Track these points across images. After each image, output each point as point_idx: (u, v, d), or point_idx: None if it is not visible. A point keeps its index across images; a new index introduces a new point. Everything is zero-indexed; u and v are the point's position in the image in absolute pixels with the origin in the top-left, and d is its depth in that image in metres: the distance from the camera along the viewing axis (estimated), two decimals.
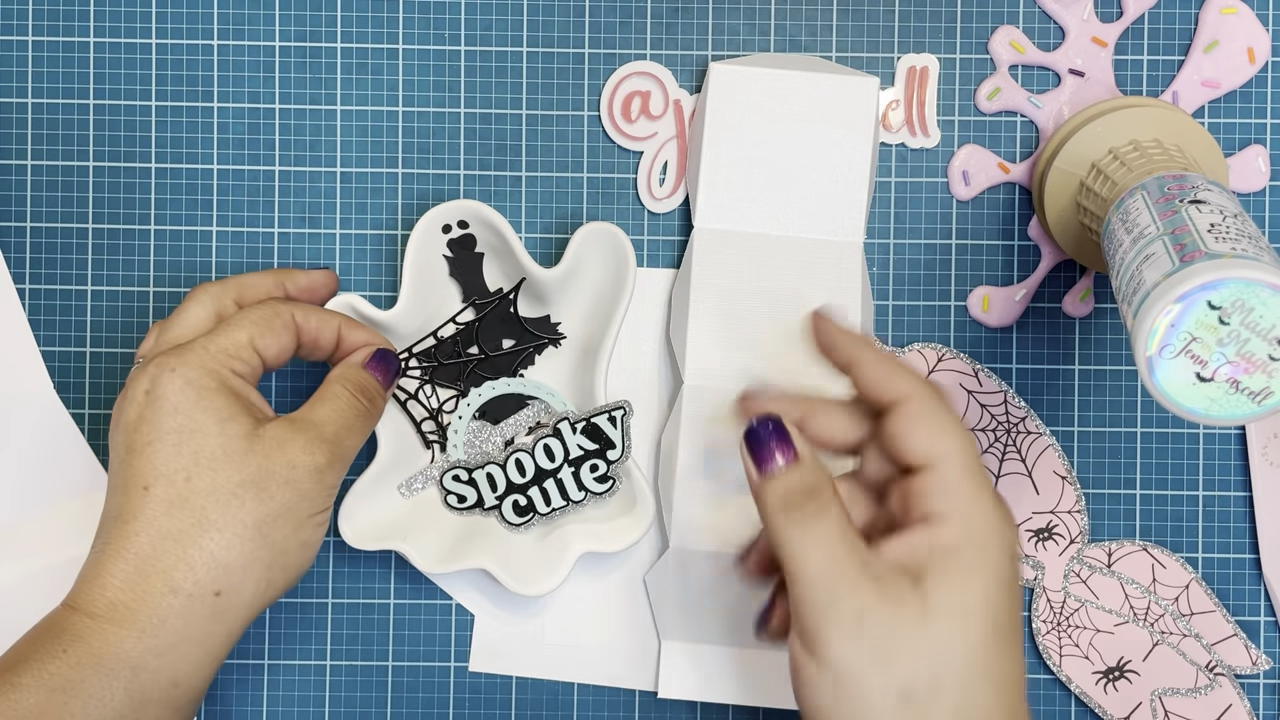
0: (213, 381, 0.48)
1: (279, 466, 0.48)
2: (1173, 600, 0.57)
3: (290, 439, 0.48)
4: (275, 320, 0.50)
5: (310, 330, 0.52)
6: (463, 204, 0.55)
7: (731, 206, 0.56)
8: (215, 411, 0.47)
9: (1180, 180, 0.48)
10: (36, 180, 0.57)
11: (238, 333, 0.49)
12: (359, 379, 0.52)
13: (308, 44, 0.57)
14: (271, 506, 0.47)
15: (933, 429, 0.43)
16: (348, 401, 0.51)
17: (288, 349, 0.51)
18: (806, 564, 0.42)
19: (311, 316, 0.52)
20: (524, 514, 0.56)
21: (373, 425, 0.52)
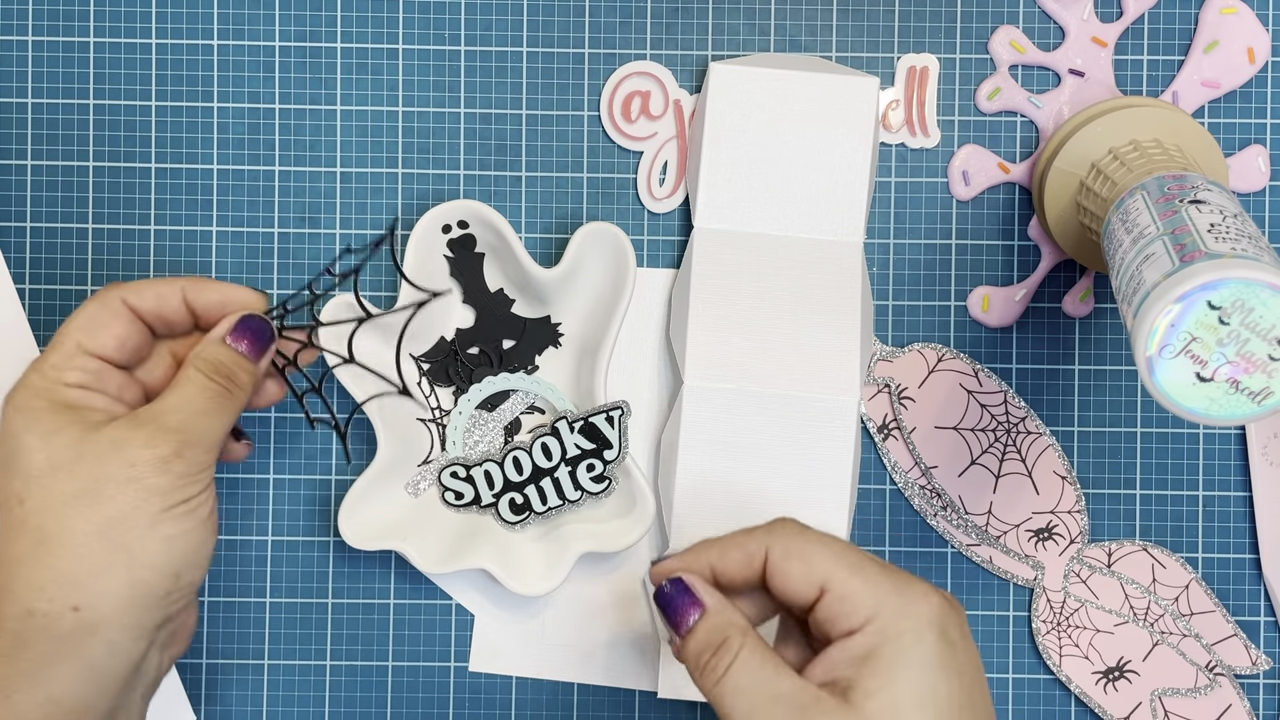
0: (40, 401, 0.46)
1: (115, 468, 0.45)
2: (1173, 600, 0.57)
3: (127, 437, 0.46)
4: (101, 313, 0.48)
5: (148, 309, 0.49)
6: (463, 204, 0.55)
7: (731, 206, 0.56)
8: (40, 429, 0.45)
9: (1180, 180, 0.48)
10: (36, 180, 0.57)
11: (64, 342, 0.47)
12: (214, 356, 0.48)
13: (308, 44, 0.57)
14: (113, 509, 0.45)
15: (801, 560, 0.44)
16: (199, 385, 0.47)
17: (129, 337, 0.48)
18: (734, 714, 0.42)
19: (145, 292, 0.49)
20: (520, 512, 0.56)
21: (239, 402, 0.49)
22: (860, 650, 0.42)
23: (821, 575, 0.43)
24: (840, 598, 0.43)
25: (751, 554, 0.45)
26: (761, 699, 0.42)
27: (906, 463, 0.57)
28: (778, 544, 0.44)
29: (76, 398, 0.47)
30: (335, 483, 0.57)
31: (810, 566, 0.43)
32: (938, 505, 0.57)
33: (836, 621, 0.43)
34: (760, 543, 0.45)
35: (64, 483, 0.45)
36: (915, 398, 0.57)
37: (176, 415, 0.47)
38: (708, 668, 0.43)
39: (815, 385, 0.54)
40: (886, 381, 0.57)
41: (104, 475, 0.45)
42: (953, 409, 0.57)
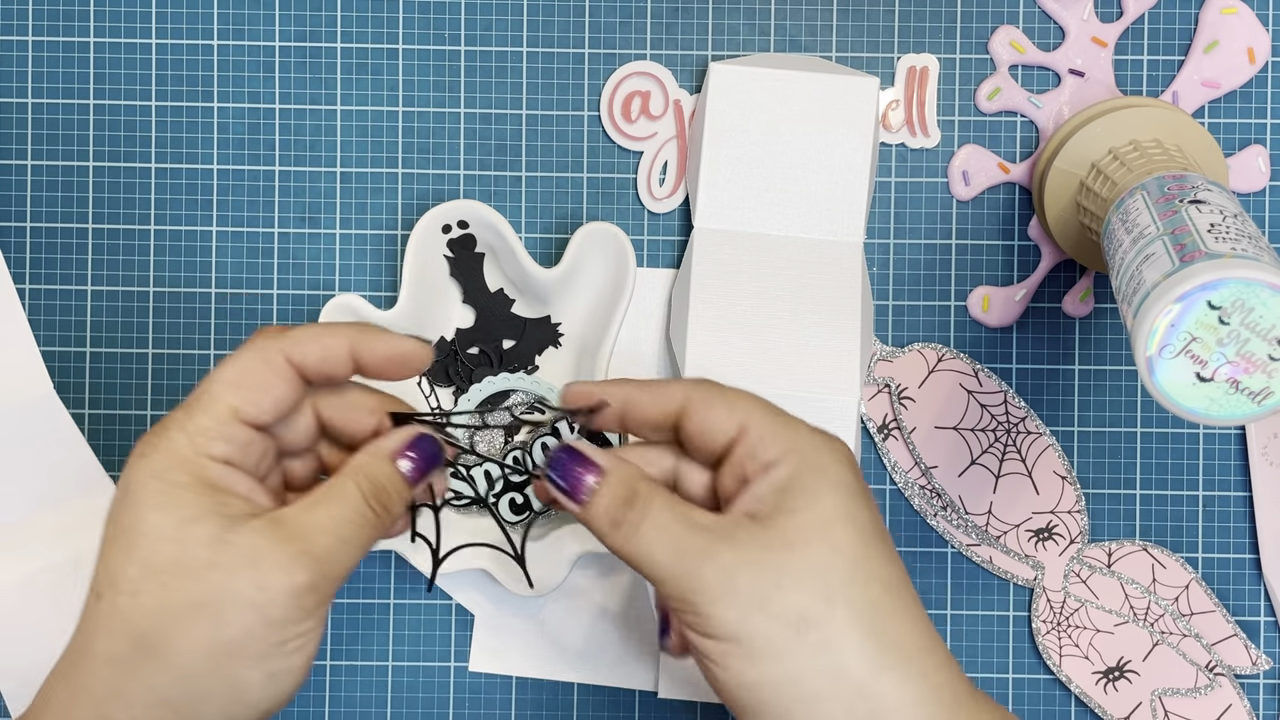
0: (184, 475, 0.40)
1: (244, 585, 0.39)
2: (1173, 600, 0.57)
3: (266, 552, 0.40)
4: (260, 371, 0.42)
5: (313, 365, 0.43)
6: (463, 204, 0.55)
7: (731, 206, 0.56)
8: (176, 511, 0.39)
9: (1180, 180, 0.48)
10: (36, 180, 0.57)
11: (216, 403, 0.41)
12: (377, 475, 0.43)
13: (308, 44, 0.57)
14: (228, 634, 0.39)
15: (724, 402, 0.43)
16: (355, 507, 0.42)
17: (287, 398, 0.42)
18: (656, 563, 0.41)
19: (310, 346, 0.43)
20: (520, 512, 0.56)
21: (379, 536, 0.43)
22: (781, 479, 0.42)
23: (742, 415, 0.43)
24: (761, 435, 0.42)
25: (669, 396, 0.44)
26: (683, 534, 0.41)
27: (906, 463, 0.57)
28: (698, 391, 0.44)
29: (220, 477, 0.41)
30: None
31: (732, 407, 0.43)
32: (938, 505, 0.57)
33: (756, 455, 0.42)
34: (680, 390, 0.44)
35: (189, 588, 0.39)
36: (915, 398, 0.57)
37: (325, 539, 0.41)
38: (624, 522, 0.42)
39: (815, 385, 0.54)
40: (886, 381, 0.57)
41: (231, 591, 0.39)
42: (953, 409, 0.57)
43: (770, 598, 0.40)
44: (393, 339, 0.44)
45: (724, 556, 0.40)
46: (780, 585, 0.40)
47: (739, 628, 0.40)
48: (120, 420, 0.57)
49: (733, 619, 0.40)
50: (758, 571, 0.40)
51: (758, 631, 0.40)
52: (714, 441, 0.43)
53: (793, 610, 0.40)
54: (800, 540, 0.41)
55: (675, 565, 0.41)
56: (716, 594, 0.40)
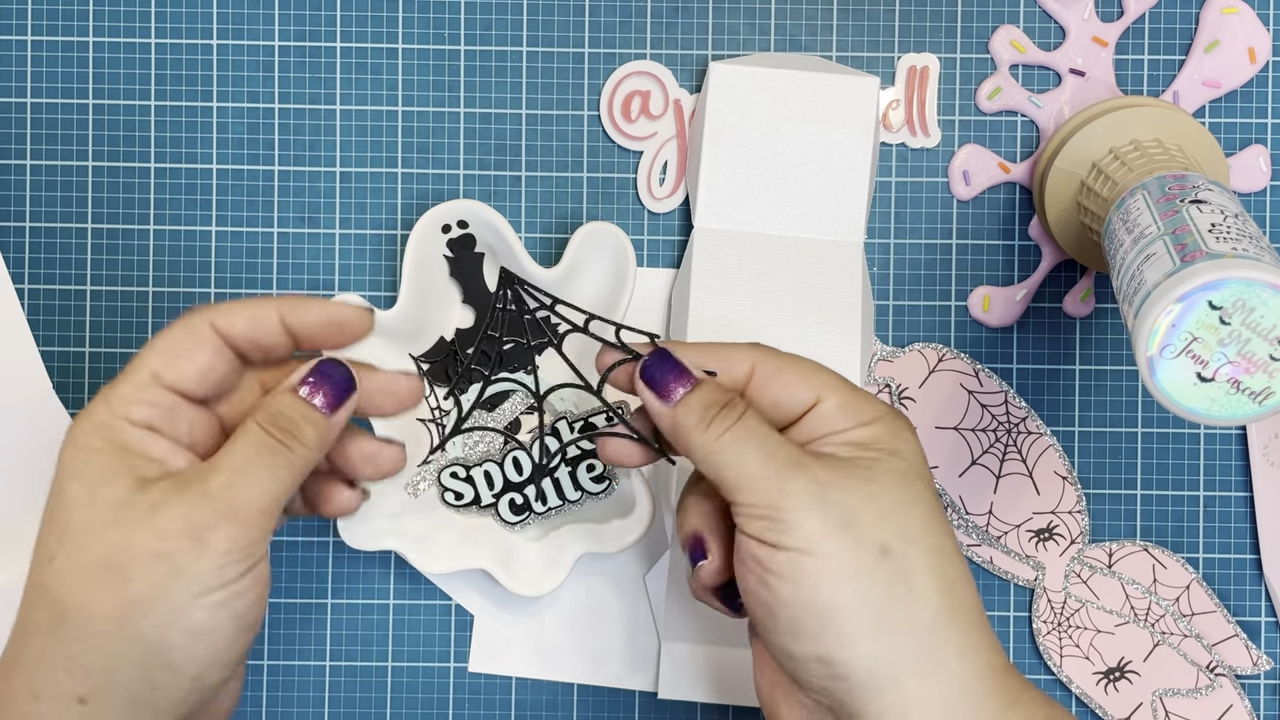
0: (99, 440, 0.40)
1: (144, 537, 0.38)
2: (1173, 601, 0.57)
3: (166, 500, 0.39)
4: (184, 339, 0.41)
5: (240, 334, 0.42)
6: (462, 204, 0.55)
7: (731, 206, 0.56)
8: (89, 476, 0.39)
9: (1181, 180, 0.48)
10: (36, 180, 0.57)
11: (138, 370, 0.41)
12: (276, 407, 0.41)
13: (307, 44, 0.57)
14: (134, 590, 0.38)
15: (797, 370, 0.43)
16: (252, 441, 0.40)
17: (214, 367, 0.42)
18: (747, 465, 0.41)
19: (237, 315, 0.42)
20: (520, 512, 0.56)
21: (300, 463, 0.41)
22: (860, 438, 0.42)
23: (819, 386, 0.43)
24: (839, 404, 0.42)
25: (733, 363, 0.44)
26: (778, 444, 0.41)
27: None
28: (767, 359, 0.43)
29: (136, 440, 0.40)
30: None
31: (808, 378, 0.43)
32: None
33: (832, 424, 0.42)
34: (745, 355, 0.43)
35: (93, 548, 0.39)
36: (916, 398, 0.57)
37: (221, 477, 0.40)
38: (717, 418, 0.41)
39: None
40: (887, 381, 0.57)
41: (134, 547, 0.38)
42: (953, 409, 0.57)
43: (857, 519, 0.40)
44: (326, 305, 0.43)
45: (816, 471, 0.40)
46: (866, 512, 0.40)
47: (822, 541, 0.40)
48: None
49: (818, 532, 0.40)
50: (847, 494, 0.40)
51: (841, 548, 0.40)
52: (785, 413, 0.43)
53: (877, 535, 0.40)
54: (883, 484, 0.41)
55: (766, 468, 0.40)
56: (806, 503, 0.40)
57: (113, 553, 0.38)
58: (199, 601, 0.39)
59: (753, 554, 0.41)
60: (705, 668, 0.56)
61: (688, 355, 0.44)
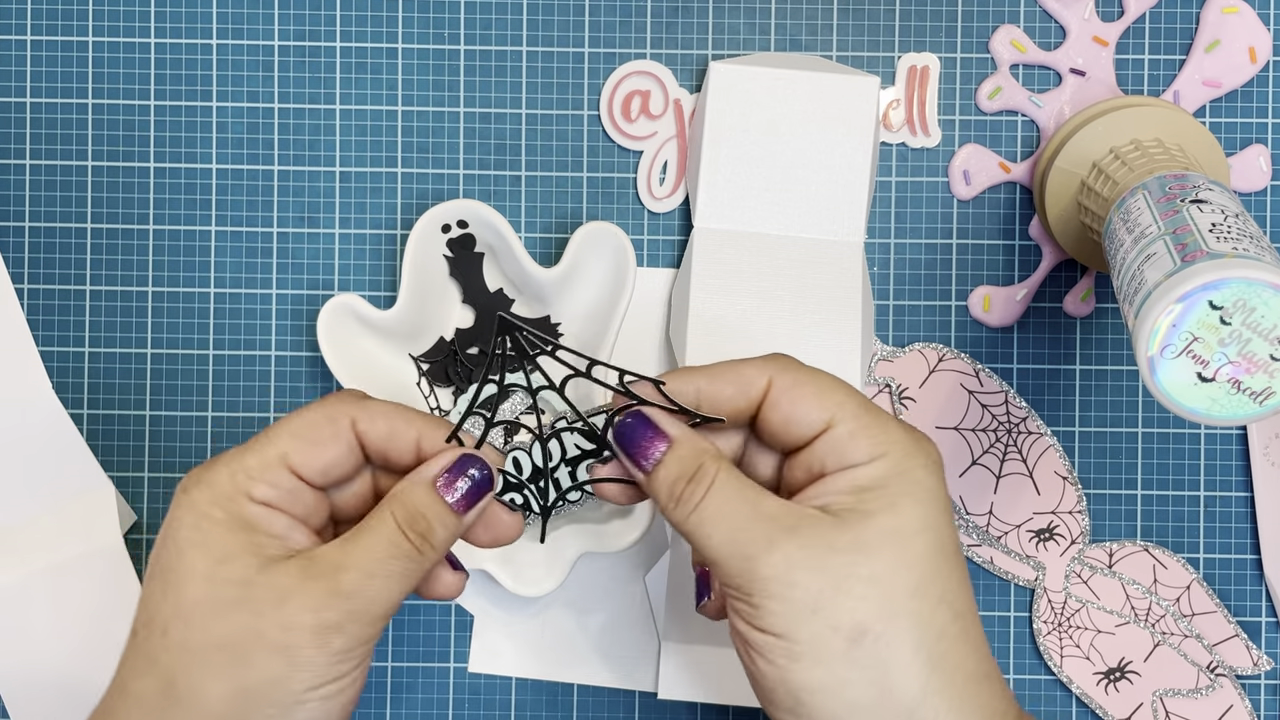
0: (221, 512, 0.39)
1: (269, 626, 0.37)
2: (1174, 601, 0.57)
3: (294, 590, 0.38)
4: (323, 428, 0.40)
5: (376, 440, 0.41)
6: (462, 204, 0.55)
7: (731, 206, 0.56)
8: (211, 550, 0.38)
9: (1182, 180, 0.48)
10: (36, 180, 0.57)
11: (268, 447, 0.40)
12: (414, 503, 0.40)
13: (307, 43, 0.57)
14: (252, 678, 0.37)
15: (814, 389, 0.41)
16: (388, 538, 0.39)
17: (341, 464, 0.41)
18: (714, 544, 0.39)
19: (379, 421, 0.41)
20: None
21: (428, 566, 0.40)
22: (865, 480, 0.40)
23: (834, 408, 0.40)
24: (851, 432, 0.40)
25: (749, 381, 0.41)
26: (745, 520, 0.39)
27: None
28: (784, 372, 0.41)
29: (257, 517, 0.39)
30: None
31: (822, 399, 0.41)
32: None
33: (842, 454, 0.40)
34: (761, 370, 0.41)
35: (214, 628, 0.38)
36: (916, 398, 0.57)
37: (353, 575, 0.38)
38: (683, 497, 0.40)
39: None
40: (887, 381, 0.57)
41: (256, 631, 0.37)
42: (953, 409, 0.57)
43: (829, 602, 0.38)
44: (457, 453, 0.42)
45: (786, 549, 0.39)
46: (842, 591, 0.38)
47: (791, 627, 0.38)
48: (120, 420, 0.57)
49: (786, 616, 0.38)
50: (820, 573, 0.38)
51: (811, 635, 0.38)
52: (797, 434, 0.41)
53: (851, 619, 0.38)
54: (872, 546, 0.39)
55: (734, 551, 0.39)
56: (773, 589, 0.38)
57: (234, 636, 0.37)
58: (313, 694, 0.38)
59: (735, 627, 0.40)
60: (705, 668, 0.56)
61: (698, 382, 0.42)
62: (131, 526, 0.57)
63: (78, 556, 0.56)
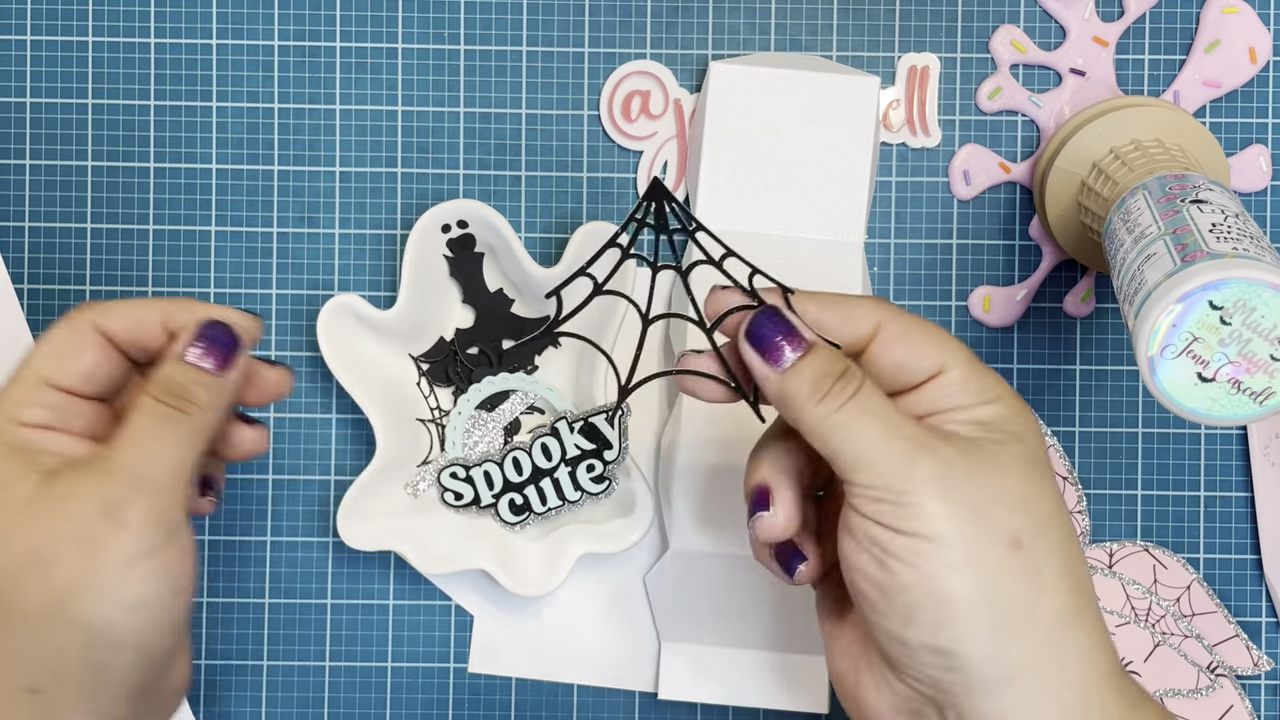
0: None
1: (62, 524, 0.39)
2: (1174, 601, 0.57)
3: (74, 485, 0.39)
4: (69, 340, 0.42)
5: (123, 335, 0.43)
6: (462, 204, 0.55)
7: (731, 206, 0.55)
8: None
9: (1182, 180, 0.48)
10: (35, 180, 0.57)
11: (25, 374, 0.41)
12: (164, 376, 0.41)
13: (307, 43, 0.57)
14: (64, 576, 0.38)
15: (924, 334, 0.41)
16: (147, 411, 0.41)
17: (99, 366, 0.42)
18: (867, 444, 0.38)
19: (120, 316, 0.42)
20: (520, 513, 0.56)
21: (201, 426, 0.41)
22: (986, 416, 0.40)
23: (946, 355, 0.40)
24: (964, 377, 0.40)
25: (858, 319, 0.41)
26: (899, 421, 0.39)
27: None
28: (894, 318, 0.41)
29: (33, 439, 0.41)
30: (335, 483, 0.57)
31: (937, 345, 0.40)
32: None
33: (955, 397, 0.40)
34: (871, 312, 0.41)
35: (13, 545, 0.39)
36: None
37: (123, 452, 0.40)
38: (831, 392, 0.39)
39: None
40: None
41: (52, 534, 0.39)
42: None
43: (987, 508, 0.38)
44: (212, 309, 0.43)
45: (944, 453, 0.38)
46: (997, 500, 0.38)
47: (951, 528, 0.38)
48: None
49: (946, 518, 0.38)
50: (975, 480, 0.38)
51: (969, 538, 0.38)
52: (907, 378, 0.41)
53: (1008, 527, 0.38)
54: (1012, 469, 0.39)
55: (889, 448, 0.38)
56: (934, 488, 0.38)
57: (33, 544, 0.39)
58: (127, 575, 0.39)
59: (869, 534, 0.39)
60: (705, 668, 0.56)
61: (809, 307, 0.41)
62: None
63: None
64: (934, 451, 0.38)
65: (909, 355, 0.40)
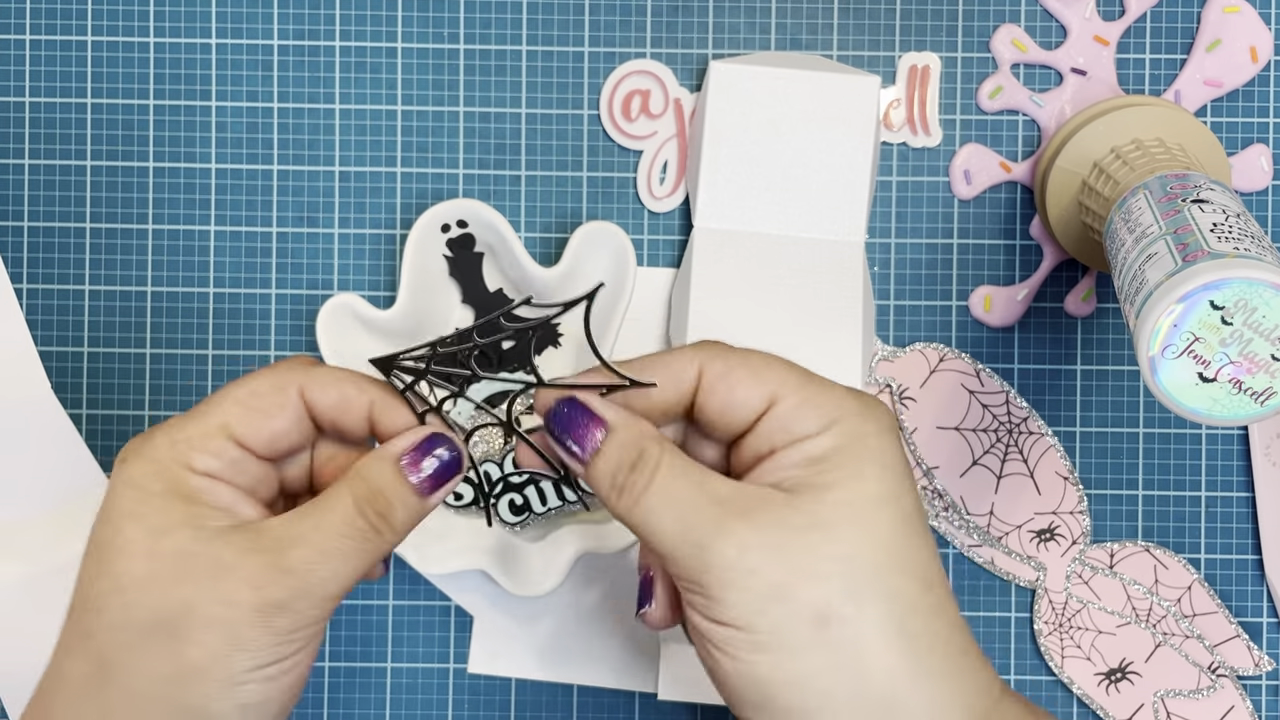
0: (159, 484, 0.37)
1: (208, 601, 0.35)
2: (1175, 601, 0.57)
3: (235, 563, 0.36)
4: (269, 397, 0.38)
5: (326, 408, 0.39)
6: (462, 203, 0.55)
7: (732, 206, 0.55)
8: (149, 523, 0.36)
9: (1183, 179, 0.48)
10: (35, 180, 0.57)
11: (209, 416, 0.38)
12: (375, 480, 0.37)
13: (306, 43, 0.57)
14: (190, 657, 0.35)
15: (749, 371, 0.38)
16: (344, 516, 0.37)
17: (289, 434, 0.38)
18: (662, 534, 0.37)
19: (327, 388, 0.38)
20: (520, 513, 0.56)
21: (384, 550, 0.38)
22: (817, 451, 0.37)
23: (774, 385, 0.38)
24: (797, 405, 0.37)
25: (678, 372, 0.38)
26: (694, 505, 0.36)
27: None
28: (714, 359, 0.38)
29: (201, 489, 0.37)
30: None
31: (760, 376, 0.38)
32: (939, 506, 0.57)
33: (790, 429, 0.37)
34: (690, 360, 0.38)
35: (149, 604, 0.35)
36: (916, 398, 0.57)
37: (302, 552, 0.36)
38: (626, 486, 0.37)
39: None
40: (888, 381, 0.57)
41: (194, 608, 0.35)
42: (954, 409, 0.57)
43: (790, 587, 0.36)
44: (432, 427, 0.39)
45: (740, 534, 0.36)
46: (802, 573, 0.36)
47: (752, 617, 0.36)
48: (119, 420, 0.57)
49: (745, 606, 0.36)
50: (778, 556, 0.36)
51: (773, 623, 0.36)
52: (738, 418, 0.38)
53: (814, 603, 0.36)
54: (832, 522, 0.36)
55: (683, 540, 0.36)
56: (729, 577, 0.36)
57: (171, 613, 0.35)
58: (254, 675, 0.36)
59: (693, 624, 0.38)
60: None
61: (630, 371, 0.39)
62: None
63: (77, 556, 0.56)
64: (729, 535, 0.36)
65: (732, 395, 0.38)
